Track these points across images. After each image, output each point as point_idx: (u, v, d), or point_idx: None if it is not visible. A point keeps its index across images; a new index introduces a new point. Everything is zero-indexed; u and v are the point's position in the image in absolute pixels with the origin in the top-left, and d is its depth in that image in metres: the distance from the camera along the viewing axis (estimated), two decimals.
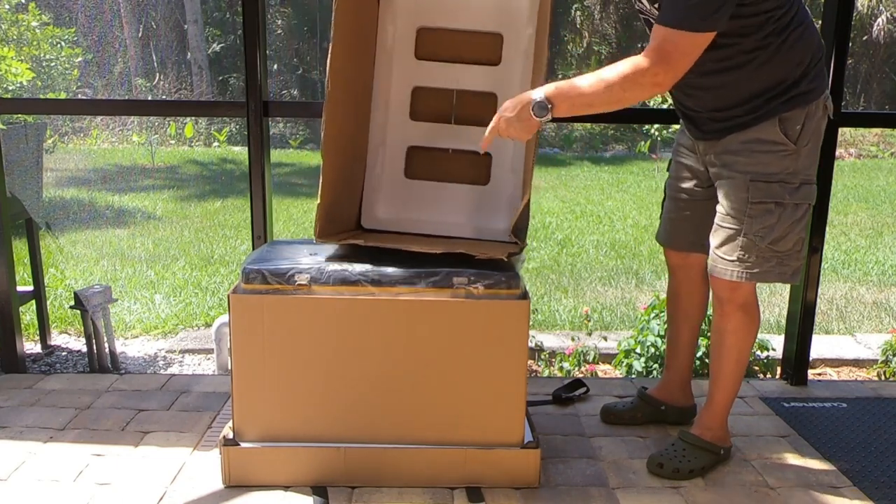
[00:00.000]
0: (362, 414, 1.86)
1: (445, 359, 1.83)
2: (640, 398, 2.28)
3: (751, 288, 1.91)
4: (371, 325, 1.82)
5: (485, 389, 1.85)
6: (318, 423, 1.86)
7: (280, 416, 1.86)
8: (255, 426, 1.86)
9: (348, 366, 1.84)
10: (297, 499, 1.84)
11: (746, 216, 1.81)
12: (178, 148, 13.32)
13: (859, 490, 1.93)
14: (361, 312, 1.81)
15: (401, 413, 1.86)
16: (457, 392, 1.85)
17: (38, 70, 7.77)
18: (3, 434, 2.16)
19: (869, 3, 18.15)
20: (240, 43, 16.46)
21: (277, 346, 1.82)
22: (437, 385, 1.85)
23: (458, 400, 1.85)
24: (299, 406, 1.85)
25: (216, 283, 4.89)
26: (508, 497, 1.86)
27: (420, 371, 1.84)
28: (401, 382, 1.85)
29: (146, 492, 1.87)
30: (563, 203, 6.99)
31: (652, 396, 2.26)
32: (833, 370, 3.38)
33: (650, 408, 2.25)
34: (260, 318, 1.80)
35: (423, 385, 1.85)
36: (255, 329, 1.81)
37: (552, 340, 3.63)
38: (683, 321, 2.20)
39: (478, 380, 1.84)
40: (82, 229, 6.63)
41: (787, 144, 1.79)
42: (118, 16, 16.70)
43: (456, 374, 1.84)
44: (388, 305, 1.81)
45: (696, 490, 1.92)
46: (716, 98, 1.84)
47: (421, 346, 1.83)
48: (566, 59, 20.57)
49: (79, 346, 3.51)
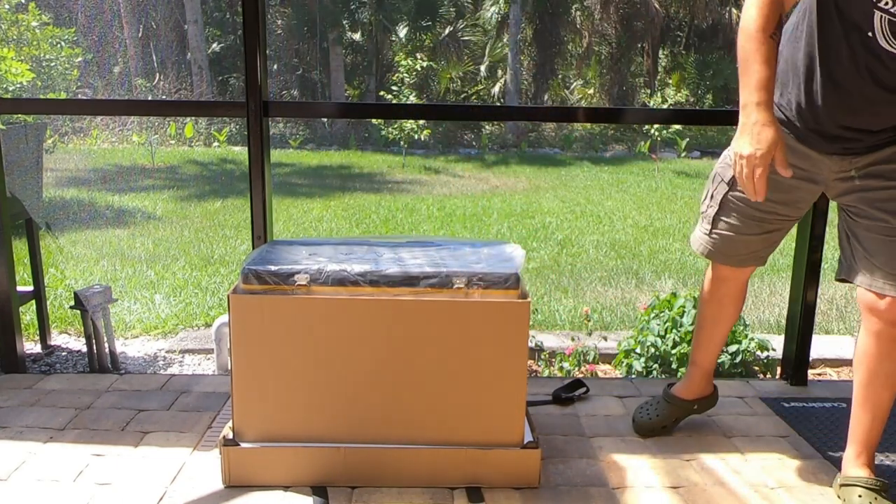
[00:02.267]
0: (362, 414, 1.86)
1: (445, 359, 1.83)
2: (669, 403, 2.22)
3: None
4: (370, 325, 1.81)
5: (485, 389, 1.85)
6: (318, 422, 1.86)
7: (280, 415, 1.85)
8: (255, 426, 1.86)
9: (348, 366, 1.83)
10: (297, 499, 1.84)
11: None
12: (178, 148, 13.33)
13: None
14: (360, 313, 1.80)
15: (400, 413, 1.86)
16: (457, 392, 1.85)
17: (38, 70, 7.77)
18: (3, 434, 2.16)
19: None
20: (240, 43, 16.48)
21: (277, 346, 1.82)
22: (437, 385, 1.84)
23: (459, 400, 1.85)
24: (299, 406, 1.85)
25: (216, 283, 4.89)
26: (508, 497, 1.86)
27: (420, 372, 1.84)
28: (401, 383, 1.85)
29: (146, 492, 1.87)
30: (563, 203, 7.00)
31: (683, 399, 2.21)
32: (833, 370, 3.38)
33: (682, 410, 2.22)
34: (259, 319, 1.80)
35: (422, 385, 1.85)
36: (254, 329, 1.80)
37: (552, 340, 3.63)
38: (722, 324, 2.14)
39: (478, 380, 1.84)
40: (82, 229, 6.63)
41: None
42: (118, 16, 16.70)
43: (456, 374, 1.84)
44: (388, 305, 1.80)
45: (696, 490, 1.92)
46: (887, 108, 1.67)
47: (421, 347, 1.83)
48: (566, 59, 20.57)
49: (79, 346, 3.51)
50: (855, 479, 1.83)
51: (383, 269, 1.82)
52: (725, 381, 2.69)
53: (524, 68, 20.03)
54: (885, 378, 1.80)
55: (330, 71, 18.85)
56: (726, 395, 2.51)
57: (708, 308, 2.14)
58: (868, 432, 1.85)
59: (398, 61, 16.75)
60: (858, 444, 1.87)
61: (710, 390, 2.25)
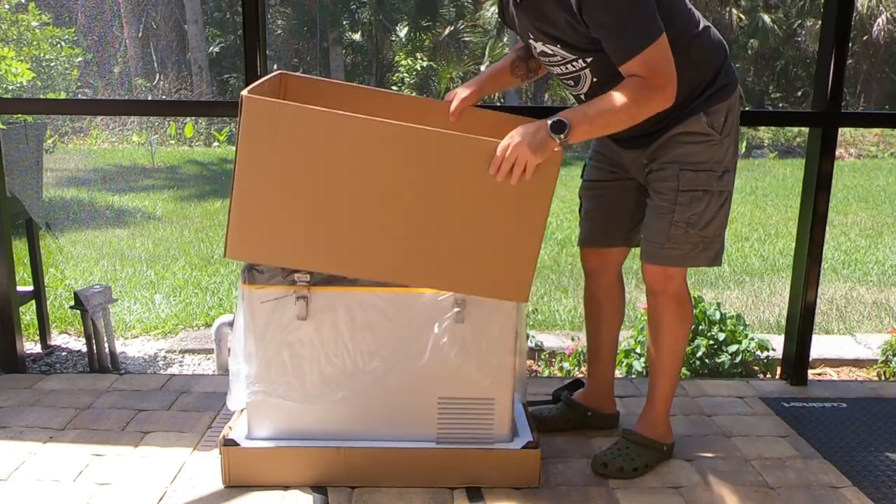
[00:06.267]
0: (362, 247, 1.72)
1: (461, 202, 1.70)
2: (566, 404, 2.25)
3: (682, 278, 1.96)
4: (391, 153, 1.66)
5: (498, 240, 1.73)
6: (315, 250, 1.71)
7: (277, 238, 1.69)
8: (250, 245, 1.71)
9: (357, 195, 1.68)
10: (297, 499, 1.84)
11: (677, 204, 1.86)
12: (178, 148, 13.33)
13: (859, 490, 1.93)
14: (383, 138, 1.65)
15: (403, 252, 1.73)
16: (468, 238, 1.73)
17: (38, 70, 7.78)
18: (3, 434, 2.16)
19: (869, 3, 18.14)
20: (240, 43, 16.47)
21: (285, 160, 1.65)
22: (449, 227, 1.72)
23: (468, 247, 1.73)
24: (298, 230, 1.70)
25: (216, 283, 4.89)
26: (508, 497, 1.86)
27: (430, 210, 1.71)
28: (410, 220, 1.71)
29: (146, 492, 1.87)
30: (563, 203, 6.98)
31: (578, 403, 2.23)
32: (833, 370, 3.37)
33: (577, 414, 2.23)
34: (271, 127, 1.63)
35: (431, 225, 1.72)
36: (264, 138, 1.63)
37: (552, 340, 3.63)
38: (604, 327, 2.20)
39: (493, 229, 1.72)
40: (82, 229, 6.63)
41: (713, 135, 1.86)
42: (118, 16, 16.71)
43: (470, 218, 1.72)
44: (413, 135, 1.66)
45: (696, 490, 1.92)
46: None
47: (436, 185, 1.69)
48: None
49: (79, 346, 3.51)
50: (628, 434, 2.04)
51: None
52: (725, 381, 2.69)
53: None
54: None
55: (330, 71, 18.86)
56: (726, 395, 2.51)
57: (588, 311, 2.23)
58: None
59: (398, 61, 16.76)
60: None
61: (608, 408, 2.25)
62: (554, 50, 1.82)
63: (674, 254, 1.90)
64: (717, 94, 1.86)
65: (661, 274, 1.94)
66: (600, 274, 2.17)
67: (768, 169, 11.96)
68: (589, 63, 1.80)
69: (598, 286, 2.18)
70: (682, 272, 1.96)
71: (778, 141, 15.08)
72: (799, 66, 19.82)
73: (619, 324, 2.22)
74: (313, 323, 1.82)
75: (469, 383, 1.86)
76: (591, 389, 2.24)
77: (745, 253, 6.12)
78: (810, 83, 17.30)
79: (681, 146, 1.86)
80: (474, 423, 1.88)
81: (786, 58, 19.74)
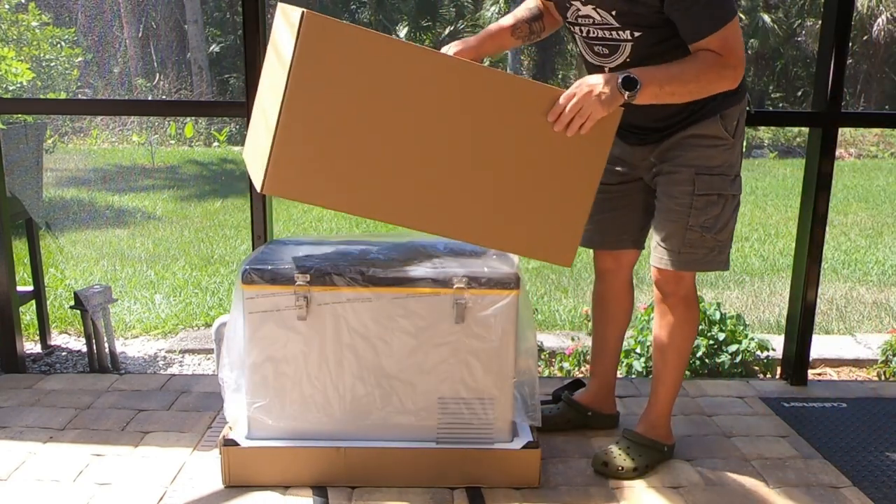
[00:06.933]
0: (413, 195, 1.65)
1: (520, 153, 1.65)
2: (566, 404, 2.24)
3: (692, 281, 1.96)
4: (451, 92, 1.59)
5: (550, 195, 1.70)
6: (360, 189, 1.61)
7: (323, 173, 1.57)
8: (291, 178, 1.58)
9: (416, 136, 1.61)
10: (297, 499, 1.84)
11: (693, 208, 1.85)
12: (178, 148, 13.32)
13: (859, 490, 1.93)
14: (446, 73, 1.58)
15: (454, 203, 1.67)
16: (520, 190, 1.68)
17: (38, 70, 7.77)
18: (3, 434, 2.16)
19: (869, 3, 18.14)
20: (240, 43, 16.46)
21: (344, 86, 1.53)
22: (502, 179, 1.66)
23: (519, 200, 1.69)
24: (344, 164, 1.59)
25: (216, 283, 4.89)
26: (508, 497, 1.86)
27: (488, 161, 1.65)
28: (465, 167, 1.65)
29: (146, 492, 1.87)
30: None
31: (579, 403, 2.23)
32: (833, 370, 3.37)
33: (577, 414, 2.23)
34: (332, 49, 1.51)
35: (486, 175, 1.66)
36: (322, 59, 1.50)
37: (552, 340, 3.63)
38: (611, 327, 2.20)
39: (547, 182, 1.68)
40: (82, 229, 6.63)
41: (727, 139, 1.85)
42: (118, 16, 16.70)
43: (526, 170, 1.67)
44: (482, 73, 1.60)
45: (696, 490, 1.92)
46: (663, 106, 1.81)
47: (497, 131, 1.63)
48: (566, 58, 20.57)
49: (79, 346, 3.51)
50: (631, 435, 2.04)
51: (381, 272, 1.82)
52: (725, 381, 2.69)
53: (524, 68, 20.03)
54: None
55: None
56: (726, 395, 2.51)
57: (596, 311, 2.23)
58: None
59: None
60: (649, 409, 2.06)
61: (609, 409, 2.24)
62: (604, 16, 1.76)
63: (690, 259, 1.89)
64: (731, 97, 1.83)
65: (673, 276, 1.93)
66: (614, 275, 2.15)
67: (768, 169, 11.96)
68: (635, 38, 1.75)
69: (608, 287, 2.17)
70: (692, 274, 1.95)
71: (778, 141, 15.08)
72: (799, 65, 19.82)
73: (626, 325, 2.21)
74: (313, 323, 1.82)
75: (469, 383, 1.86)
76: (593, 389, 2.24)
77: (745, 253, 6.12)
78: (810, 83, 17.30)
79: (695, 149, 1.85)
80: (474, 423, 1.88)
81: (786, 58, 19.73)
